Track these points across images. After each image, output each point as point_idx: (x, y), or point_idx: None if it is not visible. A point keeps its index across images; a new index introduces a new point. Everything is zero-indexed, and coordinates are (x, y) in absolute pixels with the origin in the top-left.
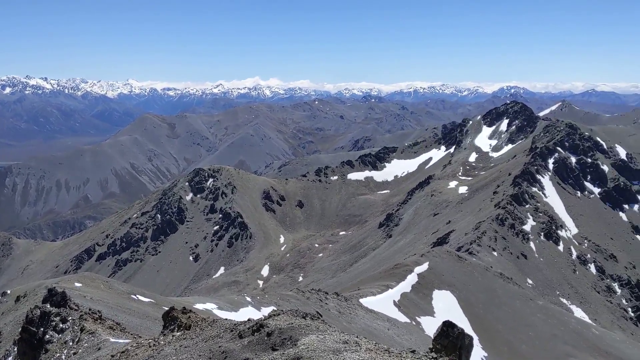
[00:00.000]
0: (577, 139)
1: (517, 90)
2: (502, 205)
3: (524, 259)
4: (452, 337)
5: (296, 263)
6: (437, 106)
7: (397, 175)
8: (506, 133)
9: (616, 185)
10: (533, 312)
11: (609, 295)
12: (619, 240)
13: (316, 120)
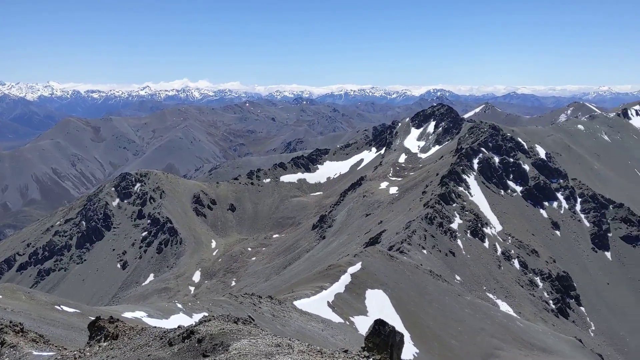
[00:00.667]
0: (499, 139)
1: (443, 93)
2: (431, 204)
3: (452, 256)
4: (384, 335)
5: (228, 268)
6: (368, 108)
7: (330, 177)
8: (433, 134)
9: (537, 184)
10: (462, 307)
11: (531, 289)
12: (540, 236)
13: (247, 123)
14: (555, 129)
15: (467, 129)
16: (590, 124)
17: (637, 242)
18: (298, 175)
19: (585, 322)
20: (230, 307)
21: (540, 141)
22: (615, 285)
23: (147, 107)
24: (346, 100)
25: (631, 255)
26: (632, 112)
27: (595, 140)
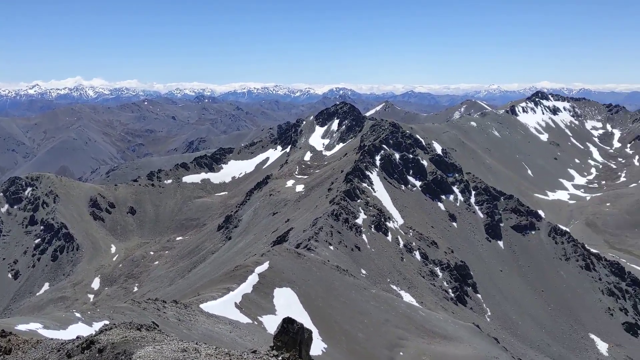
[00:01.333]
0: (399, 136)
1: (345, 91)
2: (336, 201)
3: (357, 250)
4: (292, 332)
5: (130, 273)
6: (272, 107)
7: (235, 177)
8: (337, 132)
9: (434, 178)
10: (367, 301)
11: (432, 279)
12: (438, 228)
13: (146, 122)
14: (450, 126)
15: (369, 126)
16: (482, 121)
17: (525, 231)
18: (201, 175)
19: (481, 308)
20: (133, 313)
21: (437, 138)
22: (507, 272)
23: (37, 106)
24: (250, 98)
25: (520, 243)
26: (519, 109)
27: (486, 136)
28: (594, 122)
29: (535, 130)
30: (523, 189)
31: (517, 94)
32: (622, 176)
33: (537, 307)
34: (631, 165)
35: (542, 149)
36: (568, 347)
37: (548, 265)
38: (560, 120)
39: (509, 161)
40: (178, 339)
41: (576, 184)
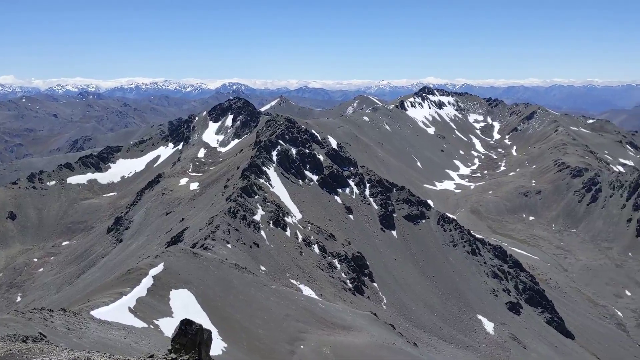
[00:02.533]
0: (295, 132)
1: (239, 86)
2: (233, 198)
3: (256, 247)
4: (191, 334)
5: (12, 282)
6: (162, 102)
7: (124, 176)
8: (232, 128)
9: (330, 172)
10: (267, 297)
11: (331, 271)
12: (336, 221)
13: (25, 120)
14: (344, 121)
15: (265, 122)
16: (374, 116)
17: (417, 220)
18: (88, 175)
19: (378, 296)
20: (17, 325)
21: (332, 132)
22: (401, 260)
23: None
24: (138, 94)
25: (412, 232)
26: (408, 104)
27: (378, 130)
28: (476, 115)
29: (423, 124)
30: (413, 180)
31: (405, 89)
32: (502, 165)
33: (429, 292)
34: (509, 155)
35: (430, 141)
36: (458, 328)
37: (438, 252)
38: (445, 114)
39: (400, 154)
40: (68, 349)
41: (461, 174)
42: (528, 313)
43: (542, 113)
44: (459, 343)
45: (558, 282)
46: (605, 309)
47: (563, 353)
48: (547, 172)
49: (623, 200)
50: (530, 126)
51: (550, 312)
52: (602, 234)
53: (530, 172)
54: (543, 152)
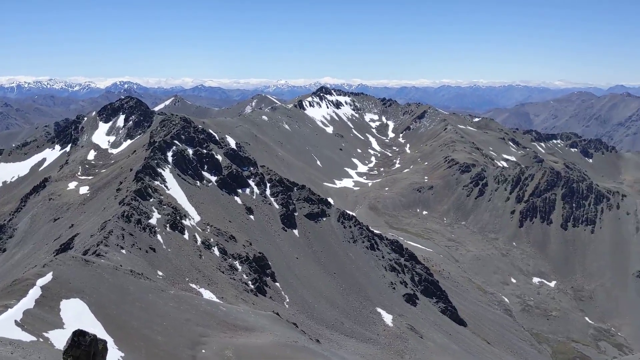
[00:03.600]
0: (192, 131)
1: (130, 85)
2: (127, 201)
3: (153, 252)
4: (85, 345)
5: None
6: (47, 102)
7: (6, 181)
8: (124, 129)
9: (230, 173)
10: (166, 302)
11: (232, 273)
12: (236, 222)
13: None
14: (242, 120)
15: (159, 121)
16: (273, 115)
17: (318, 218)
18: None
19: (280, 296)
20: None
21: (230, 132)
22: (302, 259)
23: None
24: (20, 93)
25: (313, 230)
26: (306, 104)
27: (278, 130)
28: (372, 114)
29: (321, 123)
30: (314, 179)
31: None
32: (397, 163)
33: (330, 288)
34: (404, 152)
35: (329, 140)
36: (359, 322)
37: (339, 249)
38: (343, 114)
39: (300, 153)
40: None
41: (359, 171)
42: (424, 303)
43: (432, 112)
44: (360, 337)
45: (450, 273)
46: (493, 296)
47: (457, 340)
48: (438, 168)
49: (507, 194)
50: (422, 125)
51: (444, 301)
52: (489, 226)
53: (423, 169)
54: (434, 149)
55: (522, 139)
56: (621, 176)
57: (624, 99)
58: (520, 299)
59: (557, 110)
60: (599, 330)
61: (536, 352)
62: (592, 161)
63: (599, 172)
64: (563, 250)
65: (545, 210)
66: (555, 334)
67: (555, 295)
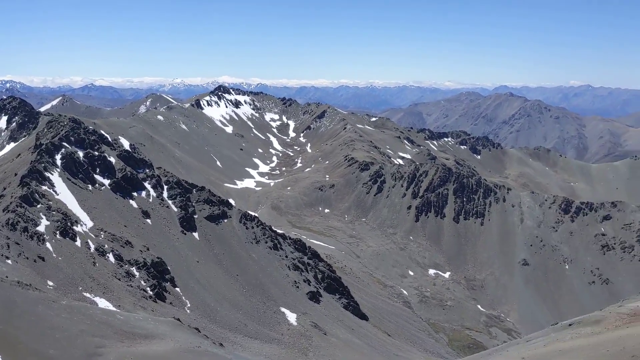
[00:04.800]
0: (82, 133)
1: (13, 84)
2: (12, 208)
3: (42, 261)
4: None
5: None
6: None
7: None
8: (6, 131)
9: (124, 175)
10: (57, 314)
11: (129, 280)
12: (132, 227)
13: None
14: (136, 120)
15: (45, 123)
16: (169, 115)
17: (218, 220)
18: None
19: (181, 301)
20: None
21: (124, 133)
22: (204, 262)
23: None
24: None
25: (214, 232)
26: (204, 103)
27: (174, 130)
28: (272, 114)
29: (220, 123)
30: (214, 180)
31: (200, 88)
32: (299, 162)
33: (233, 291)
34: (305, 152)
35: (229, 140)
36: (263, 323)
37: (241, 250)
38: (242, 113)
39: (199, 153)
40: None
41: (261, 171)
42: (327, 300)
43: (332, 112)
44: (264, 337)
45: (352, 269)
46: (393, 289)
47: (359, 334)
48: (339, 167)
49: (403, 190)
50: (322, 124)
51: (347, 297)
52: (388, 221)
53: (324, 168)
54: (334, 148)
55: (417, 137)
56: (506, 171)
57: (507, 98)
58: (418, 291)
59: (447, 110)
60: (490, 317)
61: (433, 341)
62: (480, 157)
63: (487, 167)
64: (456, 242)
65: (438, 205)
66: (450, 323)
67: (450, 286)
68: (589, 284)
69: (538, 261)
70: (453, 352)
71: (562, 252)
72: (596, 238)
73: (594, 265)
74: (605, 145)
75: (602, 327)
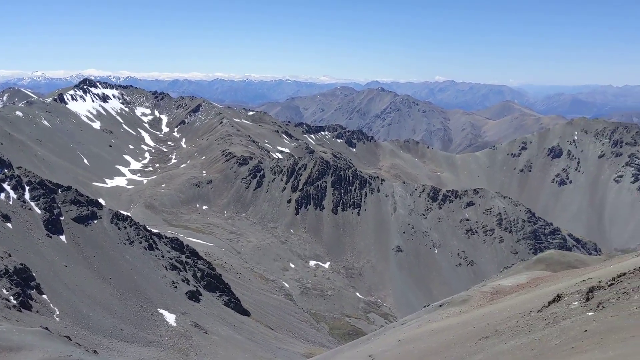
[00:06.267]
0: None
1: None
2: None
3: None
4: None
5: None
6: None
7: None
8: None
9: None
10: None
11: None
12: None
13: None
14: None
15: None
16: (29, 110)
17: (87, 222)
18: None
19: (49, 308)
20: None
21: None
22: (72, 266)
23: None
24: None
25: (84, 234)
26: (68, 98)
27: (35, 126)
28: (143, 108)
29: (87, 118)
30: (81, 179)
31: (64, 82)
32: (173, 158)
33: (106, 295)
34: (180, 147)
35: (96, 137)
36: (140, 326)
37: (114, 252)
38: (110, 108)
39: (63, 151)
40: None
41: (133, 169)
42: (207, 299)
43: (207, 106)
44: (142, 341)
45: (233, 265)
46: (274, 283)
47: (241, 330)
48: (216, 162)
49: (283, 184)
50: (197, 119)
51: (228, 294)
52: (268, 215)
53: (201, 163)
54: (211, 143)
55: (294, 131)
56: (380, 163)
57: (379, 93)
58: (299, 283)
59: (323, 104)
60: (368, 303)
61: (315, 331)
62: (355, 150)
63: (362, 160)
64: (335, 233)
65: (318, 198)
66: (331, 312)
67: (330, 276)
68: (456, 266)
69: (410, 247)
70: (334, 340)
71: (431, 238)
72: (461, 223)
73: (460, 248)
74: (467, 136)
75: (469, 305)
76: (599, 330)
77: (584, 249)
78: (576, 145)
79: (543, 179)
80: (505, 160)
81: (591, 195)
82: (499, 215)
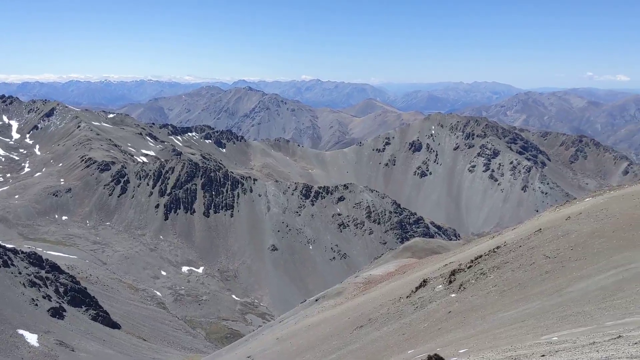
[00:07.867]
0: None
1: None
2: None
3: None
4: None
5: None
6: None
7: None
8: None
9: None
10: None
11: None
12: None
13: None
14: None
15: None
16: None
17: None
18: None
19: None
20: None
21: None
22: None
23: None
24: None
25: None
26: None
27: None
28: None
29: None
30: None
31: None
32: (26, 167)
33: None
34: (33, 155)
35: None
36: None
37: None
38: None
39: None
40: None
41: None
42: (72, 314)
43: (62, 109)
44: None
45: (99, 277)
46: (145, 292)
47: (111, 344)
48: (75, 169)
49: (150, 189)
50: (51, 123)
51: (95, 308)
52: (135, 222)
53: (58, 171)
54: (68, 149)
55: (160, 133)
56: (251, 162)
57: (246, 92)
58: (172, 290)
59: (189, 104)
60: (245, 304)
61: (191, 338)
62: (225, 151)
63: (232, 160)
64: (207, 236)
65: (188, 201)
66: (207, 317)
67: (204, 280)
68: (330, 260)
69: (285, 245)
70: (211, 345)
71: (305, 234)
72: (333, 218)
73: (333, 242)
74: (335, 134)
75: (343, 297)
76: (461, 310)
77: (445, 235)
78: (434, 139)
79: (406, 171)
80: (371, 156)
81: (449, 184)
82: (368, 208)
